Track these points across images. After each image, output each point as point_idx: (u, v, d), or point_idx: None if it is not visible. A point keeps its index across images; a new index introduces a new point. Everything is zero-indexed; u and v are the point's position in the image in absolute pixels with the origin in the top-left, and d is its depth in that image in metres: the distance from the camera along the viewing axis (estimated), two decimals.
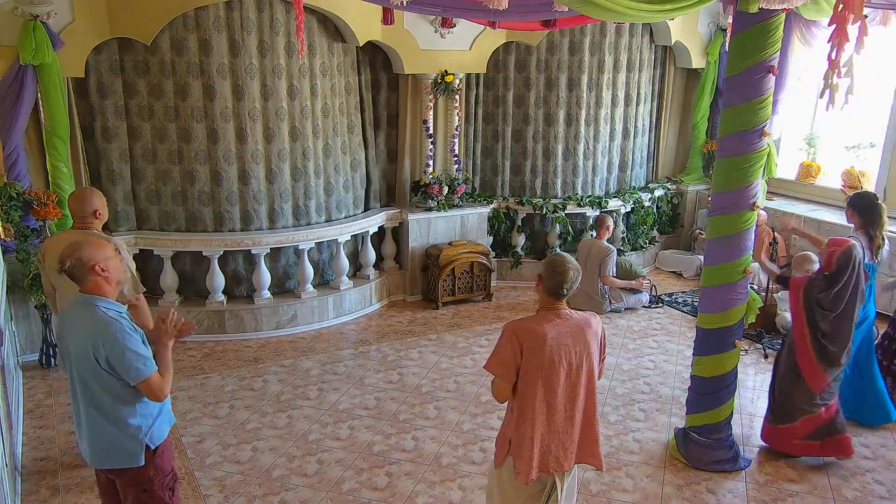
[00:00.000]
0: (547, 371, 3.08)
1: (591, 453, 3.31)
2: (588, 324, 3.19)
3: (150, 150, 6.42)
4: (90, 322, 2.93)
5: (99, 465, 3.14)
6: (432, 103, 7.53)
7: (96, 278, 2.97)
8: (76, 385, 3.06)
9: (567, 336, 3.11)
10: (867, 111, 7.94)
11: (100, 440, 3.06)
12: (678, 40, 8.38)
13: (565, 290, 3.12)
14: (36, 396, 5.52)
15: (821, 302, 4.45)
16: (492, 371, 3.15)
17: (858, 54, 3.69)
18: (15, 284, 5.70)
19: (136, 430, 3.06)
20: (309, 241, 6.82)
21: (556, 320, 3.12)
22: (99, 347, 2.89)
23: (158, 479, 3.17)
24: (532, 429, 3.14)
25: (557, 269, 3.11)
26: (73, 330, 2.98)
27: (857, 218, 4.92)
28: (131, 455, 3.07)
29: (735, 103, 4.15)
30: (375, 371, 6.06)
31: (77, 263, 2.93)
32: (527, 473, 3.15)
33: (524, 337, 3.06)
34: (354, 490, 4.40)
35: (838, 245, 4.46)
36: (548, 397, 3.12)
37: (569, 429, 3.21)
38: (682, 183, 9.22)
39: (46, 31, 5.67)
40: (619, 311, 7.46)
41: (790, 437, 4.70)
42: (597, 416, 3.30)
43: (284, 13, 6.36)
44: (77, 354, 2.97)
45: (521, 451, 3.16)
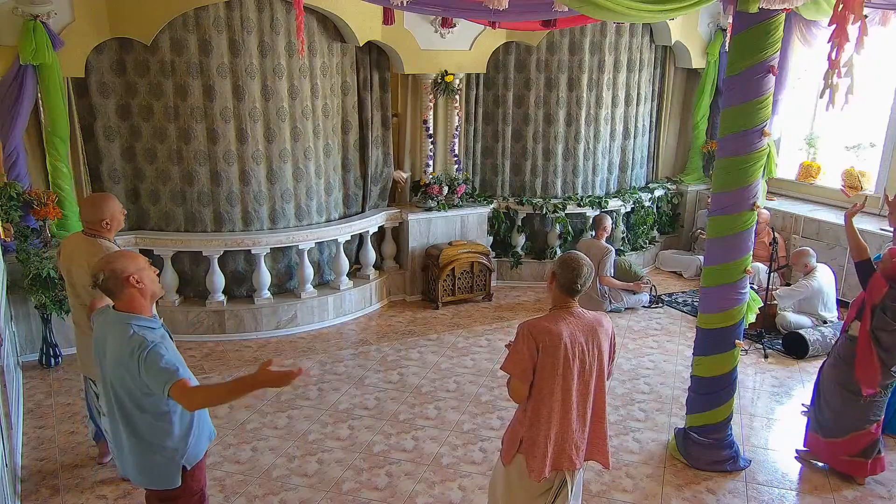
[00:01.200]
0: (562, 370, 3.10)
1: (600, 451, 3.35)
2: (600, 323, 3.22)
3: (150, 150, 6.42)
4: (125, 342, 2.84)
5: (136, 484, 3.12)
6: (432, 103, 7.54)
7: (131, 290, 2.90)
8: (114, 405, 2.99)
9: (580, 335, 3.13)
10: (867, 111, 7.94)
11: (136, 460, 3.02)
12: (678, 40, 8.38)
13: (579, 286, 3.14)
14: (36, 396, 5.52)
15: (887, 309, 4.22)
16: (509, 371, 3.16)
17: (858, 54, 3.69)
18: (15, 284, 5.70)
19: (173, 453, 3.01)
20: (309, 241, 6.82)
21: (569, 318, 3.14)
22: (135, 364, 2.81)
23: (185, 499, 3.11)
24: (548, 428, 3.16)
25: (571, 265, 3.13)
26: (110, 351, 2.91)
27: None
28: (168, 477, 3.03)
29: (735, 103, 4.15)
30: (375, 371, 6.06)
31: (111, 276, 2.86)
32: (540, 471, 3.17)
33: (540, 336, 3.08)
34: (354, 490, 4.40)
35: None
36: (563, 396, 3.14)
37: (581, 427, 3.24)
38: (682, 183, 9.22)
39: (46, 31, 5.67)
40: (619, 311, 7.46)
41: (837, 452, 4.54)
42: (606, 415, 3.33)
43: (284, 13, 6.36)
44: (114, 376, 2.91)
45: (534, 450, 3.18)
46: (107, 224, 4.07)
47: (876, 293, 4.27)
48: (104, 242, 4.05)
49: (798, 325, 6.61)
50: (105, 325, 2.96)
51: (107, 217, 4.06)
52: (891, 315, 4.21)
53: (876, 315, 4.25)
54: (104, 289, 2.90)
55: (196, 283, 6.70)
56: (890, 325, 4.22)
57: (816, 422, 4.67)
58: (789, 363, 6.30)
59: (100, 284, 2.89)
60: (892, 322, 4.21)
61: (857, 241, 4.50)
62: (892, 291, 4.22)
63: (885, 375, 4.30)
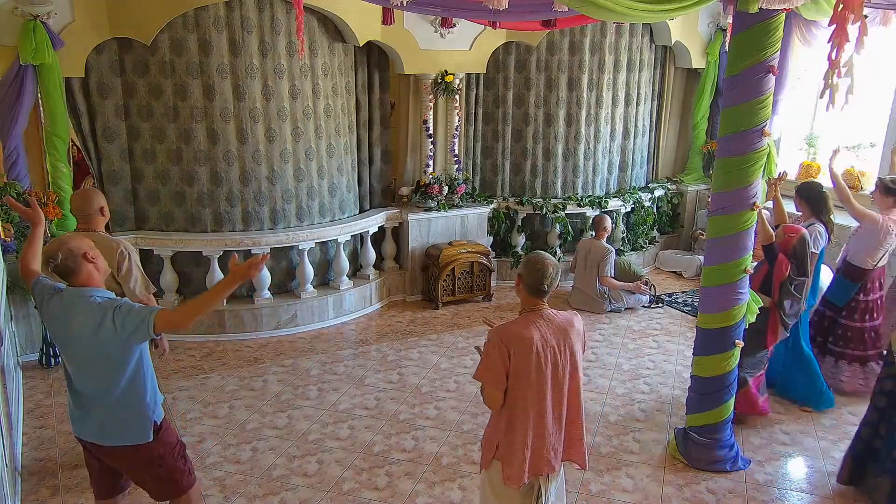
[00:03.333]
0: (535, 374, 3.06)
1: (576, 452, 3.31)
2: (571, 323, 3.17)
3: (150, 151, 6.42)
4: (91, 310, 2.98)
5: (113, 443, 3.22)
6: (432, 103, 7.54)
7: (88, 266, 3.06)
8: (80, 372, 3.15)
9: (552, 337, 3.09)
10: (867, 111, 7.94)
11: (115, 420, 3.18)
12: (678, 40, 8.38)
13: (546, 286, 3.08)
14: (36, 396, 5.52)
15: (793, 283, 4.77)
16: (481, 379, 3.12)
17: (858, 54, 3.70)
18: (15, 284, 5.70)
19: (146, 409, 3.20)
20: (309, 241, 6.83)
21: (539, 321, 3.09)
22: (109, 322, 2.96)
23: (169, 452, 3.32)
24: (524, 434, 3.11)
25: (536, 265, 3.07)
26: (75, 321, 3.02)
27: (805, 206, 5.35)
28: (143, 431, 3.21)
29: (735, 103, 4.14)
30: (375, 371, 6.06)
31: (68, 254, 2.99)
32: (518, 478, 3.13)
33: (511, 342, 3.03)
34: (354, 490, 4.40)
35: (794, 232, 4.78)
36: (538, 400, 3.10)
37: (557, 431, 3.20)
38: (682, 183, 9.22)
39: (46, 31, 5.67)
40: (619, 311, 7.46)
41: (748, 398, 5.00)
42: (581, 415, 3.28)
43: (285, 13, 6.36)
44: (87, 344, 3.03)
45: (511, 457, 3.13)
46: (104, 211, 4.15)
47: (782, 271, 4.80)
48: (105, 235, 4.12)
49: None
50: (63, 303, 3.07)
51: (103, 204, 4.15)
52: (795, 287, 4.79)
53: (783, 289, 4.81)
54: (62, 268, 3.01)
55: (196, 283, 6.70)
56: (793, 296, 4.81)
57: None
58: None
59: (58, 265, 2.99)
60: (795, 293, 4.80)
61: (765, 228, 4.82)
62: (793, 266, 4.77)
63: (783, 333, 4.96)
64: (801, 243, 4.76)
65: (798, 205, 5.44)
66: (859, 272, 5.46)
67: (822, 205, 5.28)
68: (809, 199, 5.33)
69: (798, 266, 4.77)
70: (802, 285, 4.82)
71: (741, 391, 4.89)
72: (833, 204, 5.39)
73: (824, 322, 5.72)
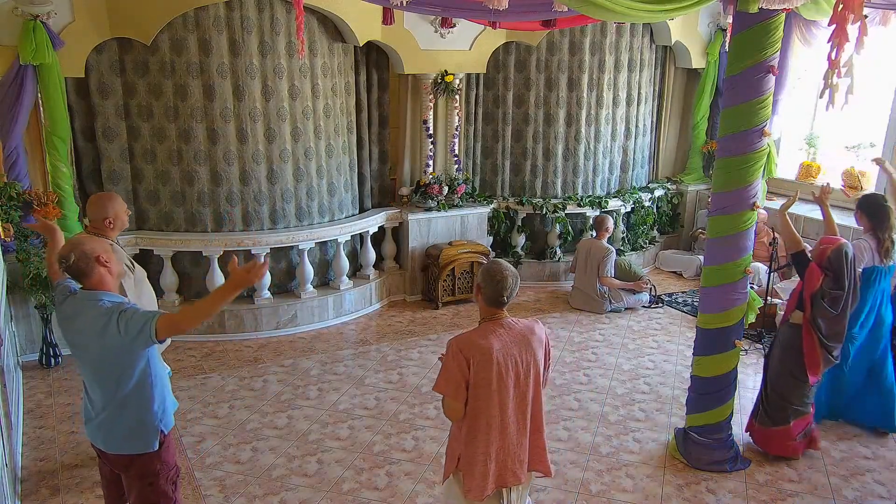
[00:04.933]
0: (496, 384, 3.01)
1: (540, 461, 3.26)
2: (532, 331, 3.13)
3: (150, 151, 6.42)
4: (97, 314, 2.96)
5: (116, 451, 3.19)
6: (432, 103, 7.54)
7: (100, 269, 3.03)
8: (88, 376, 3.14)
9: (513, 346, 3.04)
10: (867, 111, 7.94)
11: (119, 427, 3.13)
12: (678, 40, 8.38)
13: (505, 297, 3.04)
14: (36, 396, 5.52)
15: (825, 296, 4.40)
16: (440, 391, 3.07)
17: (858, 54, 3.70)
18: (15, 284, 5.70)
19: (153, 416, 3.15)
20: (309, 241, 6.82)
21: (499, 331, 3.05)
22: (113, 326, 2.93)
23: (164, 473, 3.23)
24: (486, 445, 3.07)
25: (495, 276, 3.02)
26: (85, 326, 3.00)
27: (865, 220, 4.92)
28: (149, 440, 3.16)
29: (735, 103, 4.15)
30: (375, 371, 6.06)
31: (82, 256, 2.96)
32: (480, 491, 3.09)
33: (470, 352, 2.99)
34: (354, 490, 4.40)
35: (830, 243, 4.46)
36: (500, 412, 3.06)
37: (521, 440, 3.16)
38: (682, 183, 9.22)
39: (46, 31, 5.67)
40: (619, 311, 7.46)
41: (786, 438, 4.68)
42: (544, 424, 3.25)
43: (285, 13, 6.36)
44: (94, 347, 3.01)
45: (472, 469, 3.09)
46: (109, 223, 4.08)
47: (814, 282, 4.44)
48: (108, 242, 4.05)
49: None
50: (75, 305, 3.06)
51: (110, 216, 4.08)
52: (828, 302, 4.39)
53: (815, 303, 4.43)
54: (74, 269, 2.99)
55: (196, 283, 6.70)
56: (828, 313, 4.40)
57: (766, 414, 4.76)
58: None
59: (70, 266, 2.97)
60: (830, 309, 4.39)
61: (791, 234, 4.69)
62: (827, 279, 4.39)
63: (826, 361, 4.51)
64: (838, 253, 4.35)
65: (858, 218, 5.01)
66: None
67: (884, 219, 4.79)
68: (869, 213, 4.88)
69: (835, 278, 4.36)
70: (839, 300, 4.37)
71: (780, 429, 4.66)
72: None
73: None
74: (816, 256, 4.49)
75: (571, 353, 6.44)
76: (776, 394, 4.69)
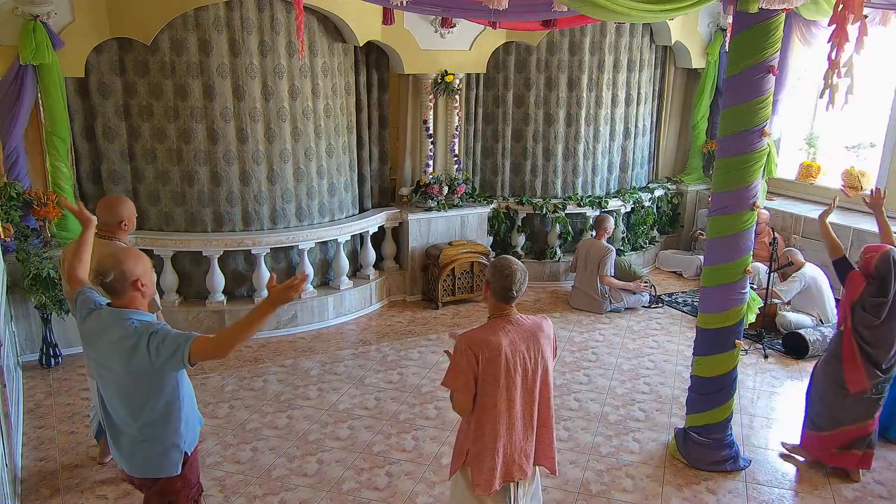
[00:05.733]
0: (504, 381, 3.03)
1: (546, 456, 3.29)
2: (540, 327, 3.15)
3: (150, 151, 6.42)
4: (126, 333, 2.86)
5: (140, 474, 3.11)
6: (432, 103, 7.54)
7: (135, 294, 2.94)
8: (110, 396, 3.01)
9: (521, 342, 3.06)
10: (867, 111, 7.94)
11: (142, 452, 3.03)
12: (678, 40, 8.38)
13: (514, 292, 3.06)
14: (36, 396, 5.52)
15: (865, 305, 4.30)
16: (449, 386, 3.10)
17: (858, 54, 3.69)
18: (15, 284, 5.71)
19: (179, 439, 3.06)
20: (309, 241, 6.82)
21: (508, 327, 3.07)
22: (143, 347, 2.82)
23: (185, 492, 3.16)
24: (494, 440, 3.09)
25: (504, 271, 3.04)
26: (112, 345, 2.90)
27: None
28: (172, 464, 3.07)
29: (735, 103, 4.15)
30: (375, 371, 6.06)
31: (120, 277, 2.88)
32: (487, 485, 3.11)
33: (479, 348, 3.01)
34: (354, 490, 4.40)
35: (875, 251, 4.32)
36: (507, 407, 3.08)
37: (528, 435, 3.18)
38: (682, 183, 9.22)
39: (46, 31, 5.67)
40: (619, 311, 7.46)
41: (827, 445, 4.58)
42: (552, 420, 3.27)
43: (285, 13, 6.36)
44: (120, 368, 2.91)
45: (481, 464, 3.11)
46: (124, 225, 4.08)
47: (854, 290, 4.37)
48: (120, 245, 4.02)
49: (798, 324, 6.61)
50: (101, 321, 2.95)
51: (124, 218, 4.07)
52: (870, 310, 4.29)
53: (856, 312, 4.34)
54: (110, 288, 2.90)
55: (196, 283, 6.70)
56: (870, 321, 4.29)
57: (809, 417, 4.70)
58: (789, 363, 6.30)
59: (106, 283, 2.88)
60: (872, 317, 4.29)
61: (832, 240, 4.62)
62: (869, 287, 4.31)
63: (871, 373, 4.35)
64: (885, 258, 4.23)
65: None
66: None
67: None
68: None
69: (879, 285, 4.26)
70: (881, 308, 4.25)
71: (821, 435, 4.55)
72: None
73: None
74: (862, 265, 4.36)
75: (571, 353, 6.44)
76: (818, 398, 4.60)
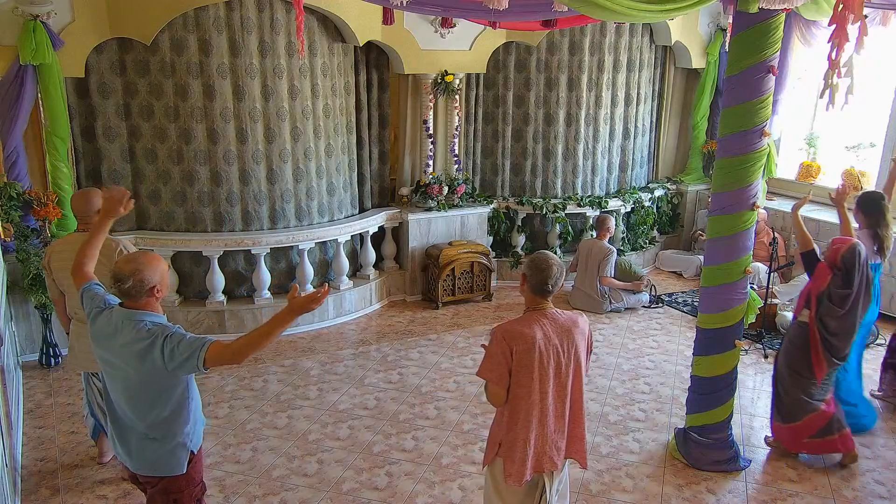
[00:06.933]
0: (538, 373, 3.08)
1: (577, 450, 3.33)
2: (575, 323, 3.18)
3: (151, 150, 6.42)
4: (139, 336, 2.85)
5: (146, 473, 3.11)
6: (432, 103, 7.54)
7: (150, 299, 2.95)
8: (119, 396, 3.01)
9: (555, 336, 3.10)
10: (867, 111, 7.94)
11: (150, 450, 3.04)
12: (678, 40, 8.38)
13: (550, 286, 3.10)
14: (36, 396, 5.52)
15: (832, 296, 4.42)
16: (484, 377, 3.14)
17: (858, 54, 3.70)
18: (15, 284, 5.71)
19: (186, 439, 3.07)
20: (309, 241, 6.82)
21: (543, 321, 3.11)
22: (157, 350, 2.82)
23: (188, 490, 3.16)
24: (526, 431, 3.14)
25: (541, 265, 3.09)
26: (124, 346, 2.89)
27: (863, 218, 4.98)
28: (179, 463, 3.08)
29: (735, 103, 4.15)
30: (375, 371, 6.06)
31: (138, 284, 2.88)
32: (519, 476, 3.15)
33: (514, 340, 3.05)
34: (354, 490, 4.40)
35: (843, 242, 4.46)
36: (540, 399, 3.12)
37: (560, 428, 3.22)
38: (682, 183, 9.22)
39: (46, 31, 5.67)
40: (619, 311, 7.46)
41: (798, 435, 4.68)
42: (584, 415, 3.31)
43: (284, 13, 6.36)
44: (131, 369, 2.90)
45: (513, 454, 3.16)
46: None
47: (822, 281, 4.49)
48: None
49: None
50: (112, 322, 2.94)
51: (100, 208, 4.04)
52: (836, 301, 4.42)
53: (822, 303, 4.47)
54: (125, 292, 2.89)
55: (196, 283, 6.70)
56: (834, 311, 4.43)
57: (777, 409, 4.78)
58: None
59: (124, 289, 2.88)
60: (837, 308, 4.42)
61: (803, 233, 4.72)
62: (835, 278, 4.43)
63: (829, 362, 4.51)
64: (852, 252, 4.37)
65: (856, 216, 5.08)
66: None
67: (881, 217, 4.90)
68: (868, 210, 4.97)
69: (844, 277, 4.39)
70: (846, 299, 4.40)
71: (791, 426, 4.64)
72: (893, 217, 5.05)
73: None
74: (829, 256, 4.48)
75: None
76: (784, 390, 4.71)
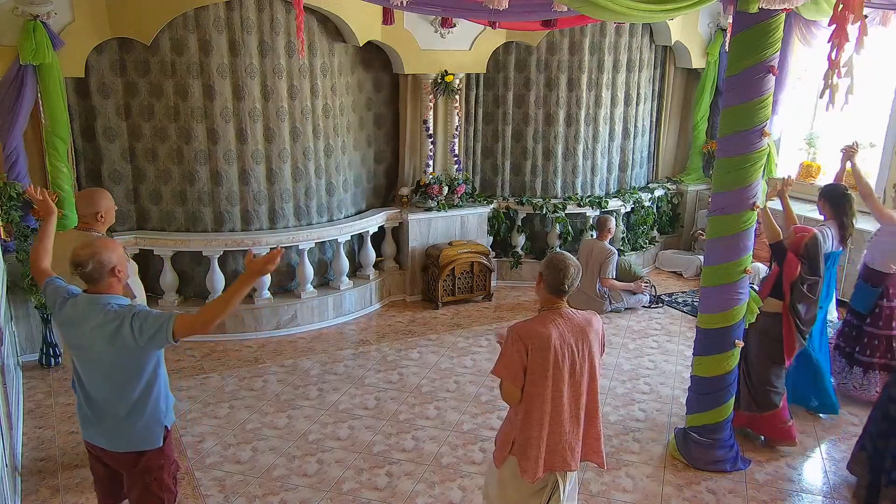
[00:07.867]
0: (552, 372, 3.09)
1: (594, 451, 3.35)
2: (590, 323, 3.21)
3: (151, 150, 6.42)
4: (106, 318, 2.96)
5: (123, 449, 3.21)
6: (432, 103, 7.54)
7: (112, 279, 3.05)
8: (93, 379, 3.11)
9: (570, 336, 3.12)
10: (867, 111, 7.94)
11: (129, 428, 3.15)
12: (678, 40, 8.38)
13: (567, 286, 3.13)
14: (36, 396, 5.52)
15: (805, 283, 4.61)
16: (499, 375, 3.16)
17: (858, 54, 3.69)
18: (15, 284, 5.71)
19: (160, 414, 3.20)
20: (309, 241, 6.82)
21: (558, 320, 3.13)
22: (126, 330, 2.92)
23: (166, 467, 3.30)
24: (539, 429, 3.15)
25: (558, 265, 3.13)
26: (93, 331, 2.99)
27: (828, 209, 5.12)
28: (156, 437, 3.20)
29: (735, 103, 4.15)
30: (375, 371, 6.06)
31: (98, 266, 2.98)
32: (534, 472, 3.17)
33: (529, 339, 3.08)
34: (354, 490, 4.40)
35: (804, 231, 4.67)
36: (554, 398, 3.14)
37: (574, 428, 3.23)
38: (682, 183, 9.22)
39: (46, 31, 5.66)
40: (619, 311, 7.46)
41: (778, 422, 4.80)
42: (599, 415, 3.32)
43: (284, 13, 6.36)
44: (103, 352, 3.00)
45: (527, 452, 3.17)
46: (101, 217, 4.14)
47: (793, 271, 4.67)
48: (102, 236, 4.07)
49: None
50: (78, 309, 3.05)
51: (101, 210, 4.13)
52: (808, 287, 4.62)
53: (795, 290, 4.65)
54: (87, 276, 3.00)
55: (196, 283, 6.70)
56: (807, 298, 4.64)
57: (753, 400, 4.87)
58: None
59: (86, 273, 2.98)
60: (808, 294, 4.63)
61: (771, 225, 4.81)
62: (803, 266, 4.63)
63: (800, 344, 4.76)
64: (814, 242, 4.60)
65: (821, 207, 5.20)
66: (879, 276, 5.31)
67: (846, 207, 5.02)
68: (832, 201, 5.07)
69: (810, 265, 4.62)
70: (816, 286, 4.65)
71: (770, 413, 4.81)
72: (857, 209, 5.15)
73: (851, 331, 5.54)
74: (792, 245, 4.69)
75: None
76: (759, 380, 4.82)
